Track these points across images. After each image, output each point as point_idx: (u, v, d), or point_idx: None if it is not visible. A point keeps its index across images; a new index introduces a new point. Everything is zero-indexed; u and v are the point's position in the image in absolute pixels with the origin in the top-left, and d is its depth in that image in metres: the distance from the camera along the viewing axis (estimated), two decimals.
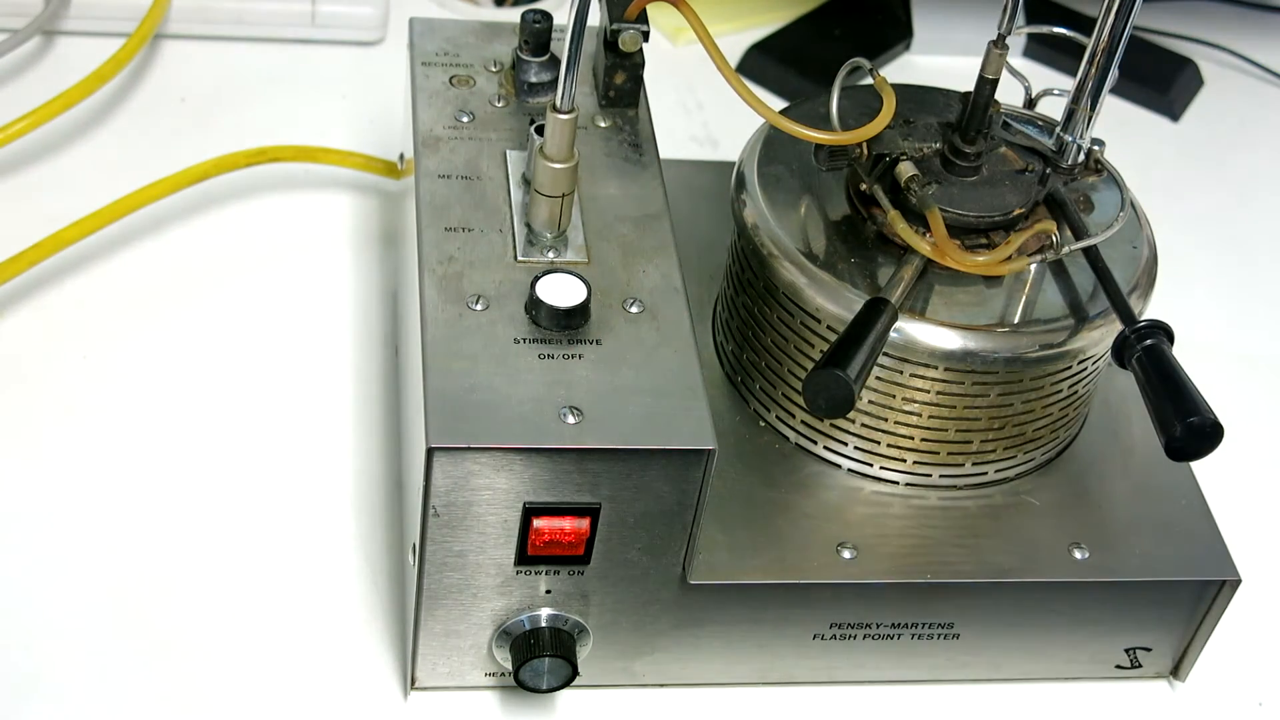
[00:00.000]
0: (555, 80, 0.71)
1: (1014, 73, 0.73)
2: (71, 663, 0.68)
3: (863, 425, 0.70)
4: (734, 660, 0.70)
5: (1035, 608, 0.70)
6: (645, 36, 0.73)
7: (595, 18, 0.66)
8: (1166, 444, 0.61)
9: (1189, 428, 0.60)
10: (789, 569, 0.67)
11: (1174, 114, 1.09)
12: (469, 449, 0.60)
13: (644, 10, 0.72)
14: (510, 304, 0.65)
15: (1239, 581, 0.70)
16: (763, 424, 0.73)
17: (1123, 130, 1.07)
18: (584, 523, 0.63)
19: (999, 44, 0.70)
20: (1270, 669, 0.75)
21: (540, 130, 0.66)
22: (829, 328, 0.68)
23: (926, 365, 0.67)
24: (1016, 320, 0.68)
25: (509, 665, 0.66)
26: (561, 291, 0.64)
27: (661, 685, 0.70)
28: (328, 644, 0.70)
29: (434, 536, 0.62)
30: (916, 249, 0.68)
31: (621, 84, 0.75)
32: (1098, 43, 0.69)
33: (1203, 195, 1.04)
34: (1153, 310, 0.69)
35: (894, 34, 1.11)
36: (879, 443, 0.70)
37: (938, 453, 0.70)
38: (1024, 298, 0.69)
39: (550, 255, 0.67)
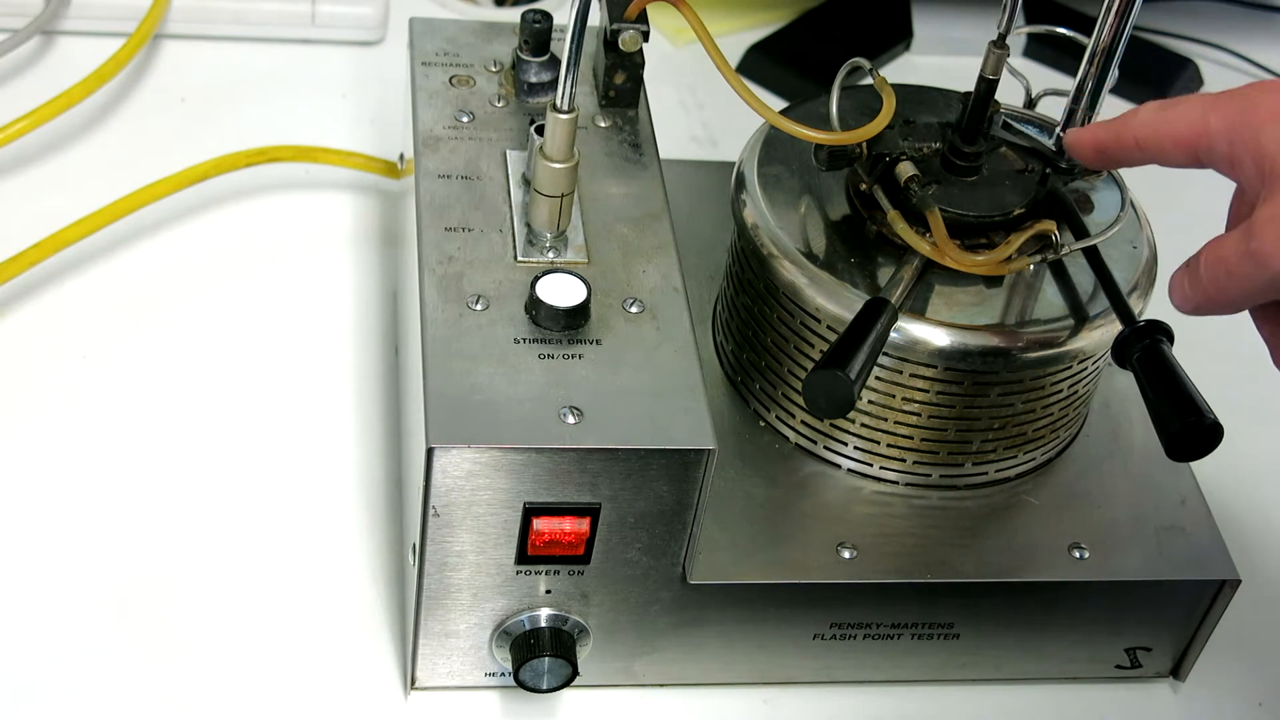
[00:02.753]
0: (555, 80, 0.71)
1: (1014, 73, 0.73)
2: (71, 662, 0.68)
3: (863, 425, 0.70)
4: (734, 660, 0.70)
5: (1035, 608, 0.70)
6: (645, 36, 0.73)
7: (595, 18, 0.66)
8: (1166, 444, 0.61)
9: (1189, 428, 0.60)
10: (789, 569, 0.67)
11: None
12: (469, 449, 0.60)
13: (644, 10, 0.72)
14: (510, 304, 0.65)
15: (1239, 581, 0.70)
16: (763, 424, 0.73)
17: None
18: (584, 523, 0.63)
19: (999, 44, 0.70)
20: (1270, 669, 0.75)
21: (540, 130, 0.66)
22: (829, 328, 0.68)
23: (926, 365, 0.67)
24: (1016, 320, 0.68)
25: (509, 665, 0.66)
26: (561, 291, 0.64)
27: (661, 685, 0.70)
28: (328, 644, 0.70)
29: (434, 536, 0.62)
30: (916, 249, 0.68)
31: (621, 84, 0.75)
32: (1098, 43, 0.69)
33: (1203, 195, 1.03)
34: (1153, 310, 0.69)
35: (894, 34, 1.11)
36: (879, 443, 0.70)
37: (938, 453, 0.70)
38: (1024, 298, 0.69)
39: (550, 255, 0.67)
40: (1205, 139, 0.59)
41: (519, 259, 0.67)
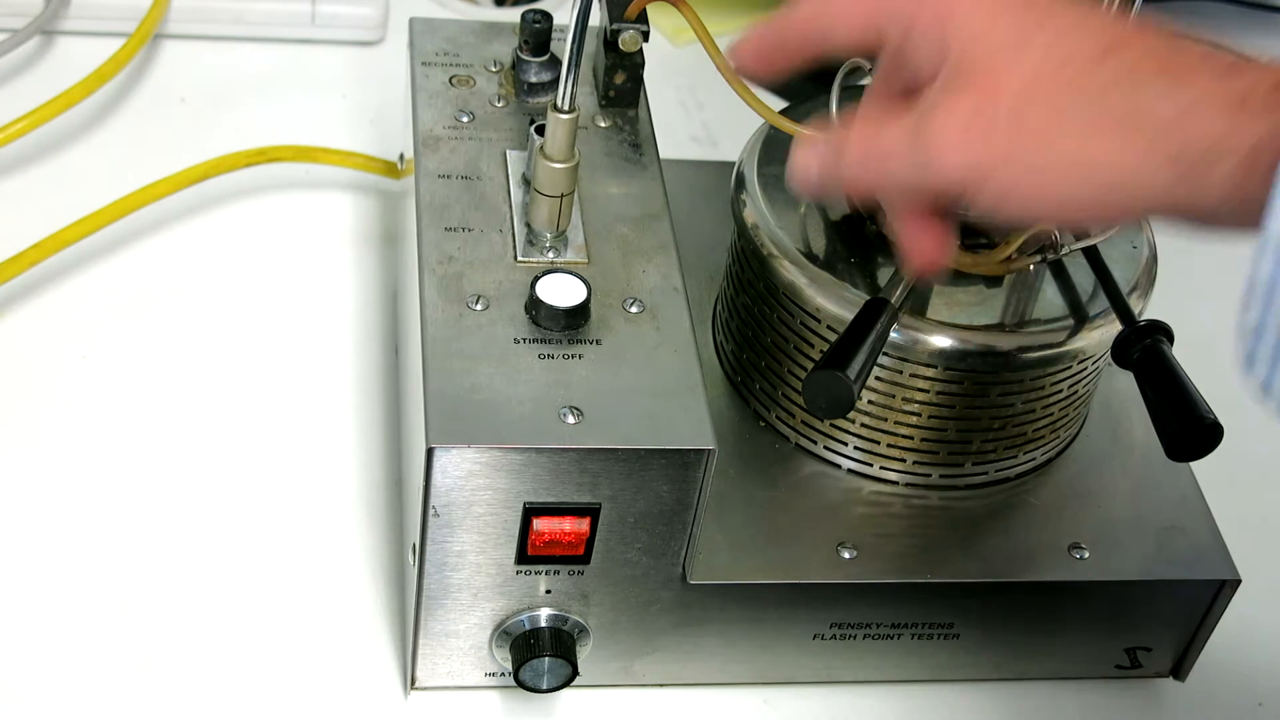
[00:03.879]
0: (555, 80, 0.71)
1: None
2: (71, 662, 0.68)
3: (863, 425, 0.70)
4: (734, 660, 0.70)
5: (1035, 608, 0.70)
6: (645, 36, 0.73)
7: (595, 18, 0.66)
8: (1166, 444, 0.61)
9: (1189, 428, 0.60)
10: (789, 569, 0.67)
11: None
12: (469, 449, 0.60)
13: (644, 10, 0.72)
14: (510, 304, 0.65)
15: (1239, 581, 0.70)
16: (763, 424, 0.73)
17: None
18: (584, 523, 0.63)
19: None
20: (1270, 669, 0.75)
21: (540, 130, 0.66)
22: (829, 328, 0.68)
23: (926, 365, 0.67)
24: (1016, 320, 0.68)
25: (509, 665, 0.66)
26: (561, 291, 0.64)
27: (661, 685, 0.70)
28: (328, 644, 0.70)
29: (434, 536, 0.62)
30: None
31: (621, 84, 0.75)
32: None
33: None
34: (1153, 310, 0.69)
35: None
36: (879, 443, 0.70)
37: (938, 453, 0.70)
38: (1024, 298, 0.69)
39: (550, 255, 0.67)
40: (881, 13, 0.54)
41: (519, 259, 0.67)
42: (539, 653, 0.65)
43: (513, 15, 1.01)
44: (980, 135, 0.50)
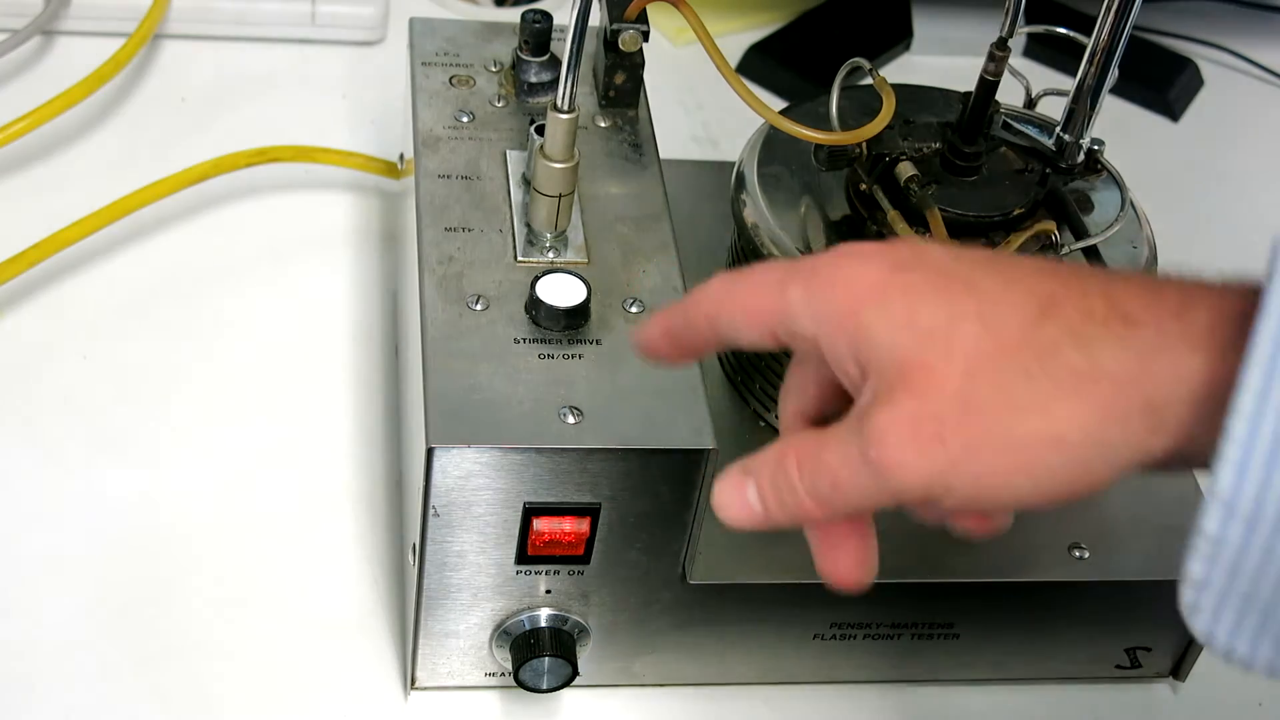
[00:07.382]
0: (555, 80, 0.71)
1: (1014, 73, 0.73)
2: (71, 662, 0.68)
3: None
4: (734, 660, 0.70)
5: (1035, 608, 0.70)
6: (645, 36, 0.73)
7: (595, 18, 0.66)
8: None
9: None
10: (789, 569, 0.67)
11: (1174, 114, 1.09)
12: (469, 449, 0.60)
13: (644, 10, 0.72)
14: (510, 304, 0.65)
15: None
16: (763, 424, 0.73)
17: (1123, 130, 1.07)
18: (584, 523, 0.63)
19: (1000, 46, 0.70)
20: None
21: (540, 130, 0.66)
22: None
23: None
24: None
25: (509, 665, 0.66)
26: (561, 291, 0.64)
27: (661, 685, 0.70)
28: (328, 644, 0.70)
29: (434, 536, 0.62)
30: None
31: (621, 84, 0.75)
32: (1098, 43, 0.69)
33: (1203, 195, 1.04)
34: None
35: (894, 34, 1.11)
36: None
37: None
38: None
39: (550, 255, 0.67)
40: (782, 313, 0.49)
41: (519, 259, 0.67)
42: (539, 653, 0.65)
43: (513, 15, 1.01)
44: (933, 436, 0.45)
